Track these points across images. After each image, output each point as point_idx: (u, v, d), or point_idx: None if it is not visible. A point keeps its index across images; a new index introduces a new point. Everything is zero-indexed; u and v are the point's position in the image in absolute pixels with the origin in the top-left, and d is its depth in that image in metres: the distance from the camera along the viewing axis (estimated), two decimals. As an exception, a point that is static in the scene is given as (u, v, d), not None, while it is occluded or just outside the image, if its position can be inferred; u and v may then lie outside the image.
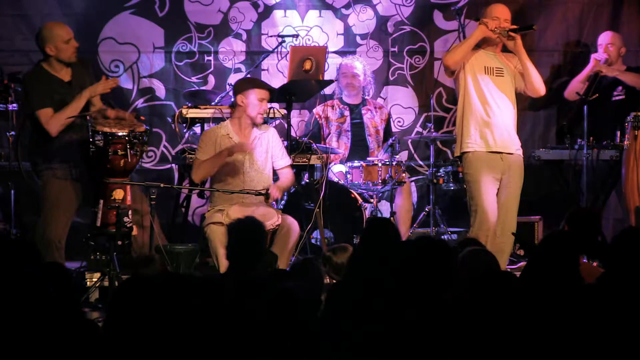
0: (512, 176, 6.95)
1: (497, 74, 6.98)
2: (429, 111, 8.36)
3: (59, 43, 6.75)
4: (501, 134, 6.93)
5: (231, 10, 8.63)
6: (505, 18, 6.98)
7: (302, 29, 8.71)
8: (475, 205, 6.88)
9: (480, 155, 6.92)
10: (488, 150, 6.92)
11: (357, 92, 8.29)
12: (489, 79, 6.95)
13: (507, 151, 6.95)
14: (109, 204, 6.56)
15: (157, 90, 8.58)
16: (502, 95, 6.96)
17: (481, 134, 6.92)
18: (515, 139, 7.02)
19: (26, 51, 8.28)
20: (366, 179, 7.70)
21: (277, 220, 6.87)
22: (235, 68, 8.64)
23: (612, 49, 8.10)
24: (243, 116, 7.08)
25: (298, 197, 7.56)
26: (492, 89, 6.95)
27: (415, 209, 8.58)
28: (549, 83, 8.83)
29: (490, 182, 6.90)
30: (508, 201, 6.92)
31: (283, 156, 7.21)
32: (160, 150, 8.59)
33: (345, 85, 8.26)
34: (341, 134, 8.20)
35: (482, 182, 6.88)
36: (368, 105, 8.33)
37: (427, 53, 8.82)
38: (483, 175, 6.88)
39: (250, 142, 7.01)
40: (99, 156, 6.53)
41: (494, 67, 6.98)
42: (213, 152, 6.98)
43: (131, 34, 8.49)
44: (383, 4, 8.79)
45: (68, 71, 6.83)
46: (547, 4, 8.82)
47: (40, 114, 6.69)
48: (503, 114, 6.94)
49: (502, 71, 6.99)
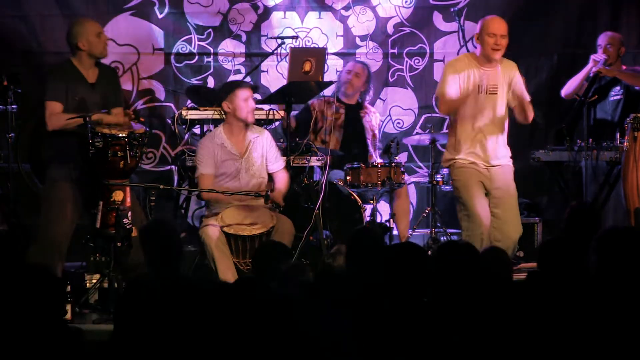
0: (501, 188, 6.94)
1: (490, 92, 6.95)
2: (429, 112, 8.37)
3: (91, 37, 6.75)
4: (487, 148, 6.94)
5: (231, 12, 8.64)
6: (502, 33, 6.95)
7: (302, 31, 8.71)
8: (467, 210, 6.90)
9: (467, 164, 6.95)
10: (475, 161, 6.94)
11: (353, 93, 8.28)
12: (481, 96, 6.93)
13: (493, 163, 6.95)
14: (108, 206, 6.56)
15: (156, 92, 8.59)
16: (493, 110, 6.93)
17: (470, 146, 6.94)
18: (504, 151, 6.99)
19: (25, 52, 8.28)
20: (365, 181, 7.70)
21: (271, 221, 6.89)
22: (234, 69, 8.64)
23: (612, 49, 8.09)
24: (234, 121, 7.11)
25: (297, 198, 7.56)
26: (483, 106, 6.94)
27: (415, 210, 8.59)
28: (548, 84, 8.85)
29: (479, 188, 6.92)
30: (504, 212, 6.91)
31: (277, 159, 7.24)
32: (160, 151, 8.60)
33: (345, 81, 8.26)
34: (334, 129, 8.18)
35: (471, 186, 6.91)
36: (366, 109, 8.33)
37: (427, 55, 8.82)
38: (471, 180, 6.92)
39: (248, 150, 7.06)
40: (99, 158, 6.53)
41: (489, 85, 6.95)
42: (213, 164, 7.05)
43: (131, 36, 8.49)
44: (383, 5, 8.79)
45: (95, 72, 6.81)
46: (547, 4, 8.83)
47: (48, 105, 6.65)
48: (497, 131, 6.94)
49: (496, 88, 6.95)
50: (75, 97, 6.69)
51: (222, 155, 7.07)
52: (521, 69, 8.33)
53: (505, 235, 6.87)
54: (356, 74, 8.26)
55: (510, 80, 6.98)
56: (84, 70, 6.75)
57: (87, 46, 6.73)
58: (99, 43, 6.77)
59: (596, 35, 8.51)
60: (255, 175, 7.15)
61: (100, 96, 6.75)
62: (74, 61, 6.77)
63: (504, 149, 7.01)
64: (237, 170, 7.09)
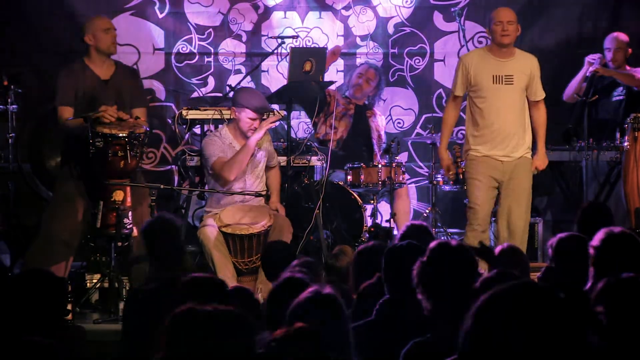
0: (513, 179, 6.93)
1: (506, 82, 6.94)
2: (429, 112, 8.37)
3: (97, 32, 6.75)
4: (502, 140, 6.93)
5: (231, 12, 8.63)
6: (508, 20, 6.96)
7: (302, 30, 8.71)
8: (470, 202, 6.97)
9: (480, 157, 6.94)
10: (487, 155, 6.93)
11: (360, 97, 8.28)
12: (497, 87, 6.92)
13: (508, 156, 6.94)
14: (109, 206, 6.56)
15: (157, 92, 8.58)
16: (509, 102, 6.92)
17: (484, 139, 6.93)
18: (520, 144, 6.97)
19: (27, 52, 8.28)
20: (366, 180, 7.70)
21: (269, 221, 6.89)
22: (235, 69, 8.64)
23: (620, 53, 8.09)
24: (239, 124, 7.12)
25: (298, 198, 7.56)
26: (499, 97, 6.92)
27: (415, 211, 8.59)
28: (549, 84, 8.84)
29: (486, 181, 6.93)
30: (512, 203, 6.92)
31: (272, 157, 7.28)
32: (160, 151, 8.59)
33: (355, 84, 8.25)
34: (345, 116, 8.19)
35: (476, 179, 6.95)
36: (373, 111, 8.33)
37: (427, 54, 8.82)
38: (478, 174, 6.94)
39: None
40: (99, 157, 6.52)
41: (503, 75, 6.94)
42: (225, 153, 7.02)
43: (131, 35, 8.48)
44: (383, 5, 8.79)
45: (110, 70, 6.81)
46: (547, 4, 8.82)
47: (60, 110, 6.67)
48: (507, 120, 6.92)
49: (512, 78, 6.95)
50: (86, 94, 6.69)
51: (230, 154, 7.05)
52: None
53: (512, 224, 6.89)
54: (367, 80, 8.25)
55: (530, 72, 6.97)
56: (95, 67, 6.76)
57: (93, 41, 6.74)
58: (105, 38, 6.76)
59: (596, 35, 8.52)
60: (259, 176, 7.16)
61: (114, 93, 6.74)
62: (85, 59, 6.80)
63: (521, 141, 6.97)
64: (243, 172, 7.07)
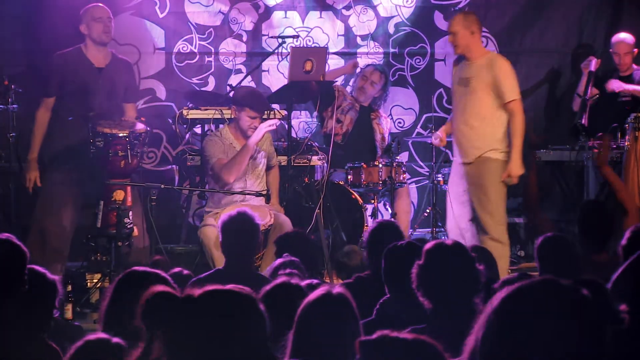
0: (471, 184, 6.94)
1: (465, 84, 6.94)
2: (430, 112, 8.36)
3: (89, 21, 6.88)
4: (460, 143, 6.98)
5: (232, 11, 8.63)
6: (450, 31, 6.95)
7: (303, 30, 8.71)
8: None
9: (453, 165, 7.12)
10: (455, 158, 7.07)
11: (364, 100, 8.28)
12: (461, 89, 6.96)
13: (467, 160, 6.95)
14: (109, 205, 6.56)
15: (157, 91, 8.58)
16: (468, 104, 6.91)
17: (454, 141, 7.07)
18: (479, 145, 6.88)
19: (26, 52, 8.28)
20: (367, 180, 7.70)
21: (269, 220, 6.89)
22: (235, 69, 8.64)
23: (629, 56, 8.08)
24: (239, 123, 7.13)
25: (298, 197, 7.56)
26: (459, 99, 6.98)
27: (416, 210, 8.59)
28: (549, 84, 8.85)
29: (455, 186, 7.04)
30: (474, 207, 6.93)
31: (272, 157, 7.29)
32: (161, 151, 8.59)
33: (359, 87, 8.24)
34: (352, 109, 8.19)
35: (449, 184, 7.17)
36: (377, 112, 8.33)
37: (428, 54, 8.82)
38: (450, 178, 7.15)
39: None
40: (99, 157, 6.53)
41: (465, 78, 6.95)
42: (226, 158, 7.02)
43: (131, 35, 8.48)
44: (384, 4, 8.79)
45: (106, 59, 6.92)
46: (547, 4, 8.82)
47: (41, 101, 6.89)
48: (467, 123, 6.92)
49: (469, 81, 6.89)
50: (77, 80, 6.77)
51: (231, 154, 7.06)
52: (521, 68, 8.35)
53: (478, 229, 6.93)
54: (372, 83, 8.24)
55: (493, 74, 6.84)
56: (90, 55, 6.85)
57: (86, 30, 6.85)
58: (97, 27, 6.86)
59: (596, 35, 8.51)
60: (260, 176, 7.17)
61: (108, 82, 6.81)
62: (82, 46, 6.92)
63: (480, 144, 6.88)
64: (244, 172, 7.08)
